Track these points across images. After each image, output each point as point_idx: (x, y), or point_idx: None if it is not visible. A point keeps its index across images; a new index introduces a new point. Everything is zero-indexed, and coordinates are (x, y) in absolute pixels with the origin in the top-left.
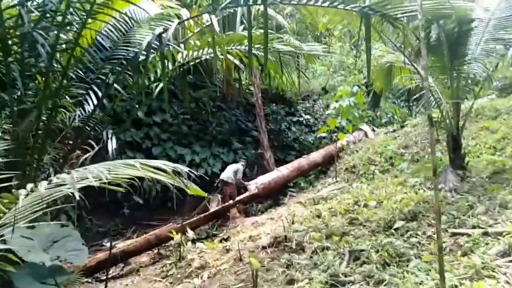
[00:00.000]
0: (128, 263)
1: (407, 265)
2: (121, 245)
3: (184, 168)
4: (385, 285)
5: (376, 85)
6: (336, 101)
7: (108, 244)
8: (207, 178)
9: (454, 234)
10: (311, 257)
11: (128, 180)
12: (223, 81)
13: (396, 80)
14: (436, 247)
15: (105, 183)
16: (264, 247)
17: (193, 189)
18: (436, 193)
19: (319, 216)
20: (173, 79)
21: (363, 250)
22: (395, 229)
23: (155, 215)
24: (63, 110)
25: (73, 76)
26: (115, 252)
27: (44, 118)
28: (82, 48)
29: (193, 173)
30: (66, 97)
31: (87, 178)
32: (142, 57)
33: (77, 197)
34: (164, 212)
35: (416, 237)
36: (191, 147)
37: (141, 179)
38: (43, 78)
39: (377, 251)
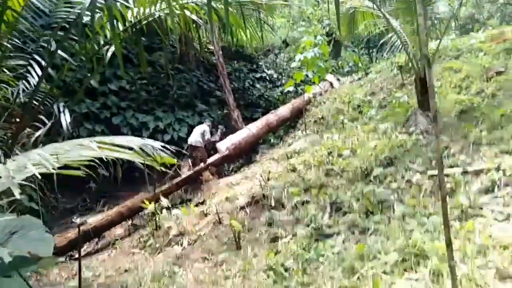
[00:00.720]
0: (103, 237)
1: (390, 212)
2: (92, 219)
3: (155, 144)
4: (371, 233)
5: (339, 33)
6: (301, 53)
7: (78, 220)
8: (169, 146)
9: (433, 176)
10: (291, 212)
11: (88, 162)
12: (179, 41)
13: (360, 27)
14: (415, 190)
15: (61, 167)
16: (242, 207)
17: (163, 159)
18: (441, 179)
19: (294, 170)
20: (125, 42)
21: (343, 201)
22: (373, 177)
23: (123, 187)
24: (4, 85)
25: (9, 46)
26: (87, 228)
27: None
28: (15, 12)
29: (167, 148)
30: (4, 70)
31: (28, 168)
32: (86, 18)
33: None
34: (132, 182)
35: (396, 182)
36: (154, 113)
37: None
38: None
39: (358, 200)
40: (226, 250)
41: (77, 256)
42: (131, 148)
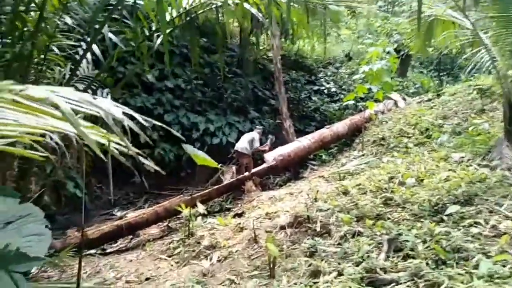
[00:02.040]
0: (137, 235)
1: (470, 265)
2: (129, 215)
3: (123, 119)
4: None
5: (413, 45)
6: (366, 65)
7: (118, 214)
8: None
9: None
10: (339, 243)
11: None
12: (239, 45)
13: (438, 38)
14: (506, 241)
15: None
16: (282, 227)
17: (202, 159)
18: None
19: (346, 194)
20: (178, 32)
21: (406, 240)
22: (446, 215)
23: (167, 185)
24: (52, 65)
25: (59, 23)
26: (122, 223)
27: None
28: None
29: (146, 120)
30: (54, 48)
31: None
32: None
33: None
34: (177, 182)
35: (477, 227)
36: (206, 115)
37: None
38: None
39: (425, 242)
40: (258, 277)
41: (108, 250)
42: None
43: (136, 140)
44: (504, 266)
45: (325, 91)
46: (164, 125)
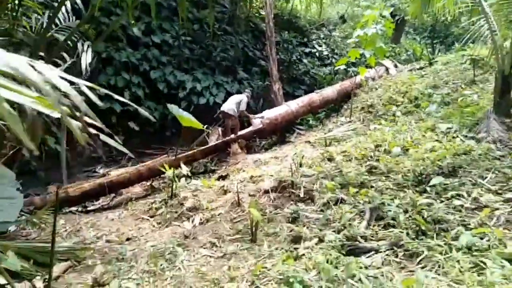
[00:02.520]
0: (119, 194)
1: (450, 237)
2: (112, 173)
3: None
4: (421, 260)
5: (409, 10)
6: (361, 28)
7: (101, 171)
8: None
9: (509, 200)
10: (322, 210)
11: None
12: (230, 0)
13: (436, 3)
14: (486, 214)
15: None
16: (266, 191)
17: (187, 120)
18: None
19: (331, 160)
20: None
21: (388, 210)
22: (430, 187)
23: (152, 144)
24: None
25: None
26: (104, 182)
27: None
28: None
29: (109, 94)
30: None
31: None
32: None
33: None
34: (162, 141)
35: (459, 199)
36: (193, 73)
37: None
38: None
39: (407, 212)
40: (239, 240)
41: (89, 208)
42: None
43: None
44: (482, 238)
45: (317, 54)
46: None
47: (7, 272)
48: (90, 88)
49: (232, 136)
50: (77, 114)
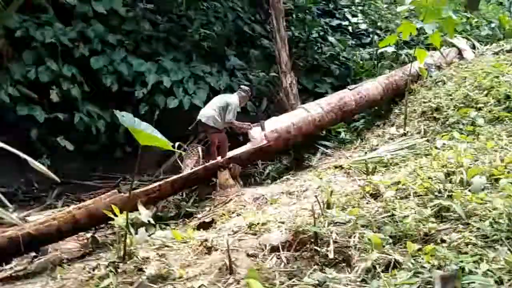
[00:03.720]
0: (43, 252)
1: None
2: (31, 220)
3: None
4: None
5: None
6: None
7: (14, 216)
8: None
9: None
10: (363, 279)
11: None
12: None
13: None
14: None
15: None
16: (275, 249)
17: (147, 137)
18: None
19: (376, 197)
20: None
21: (471, 280)
22: None
23: (94, 171)
24: None
25: None
26: (18, 234)
27: None
28: None
29: None
30: None
31: None
32: None
33: None
34: (109, 166)
35: None
36: (157, 59)
37: None
38: None
39: (501, 283)
40: None
41: None
42: None
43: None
44: None
45: (350, 29)
46: None
47: None
48: None
49: (219, 158)
50: None
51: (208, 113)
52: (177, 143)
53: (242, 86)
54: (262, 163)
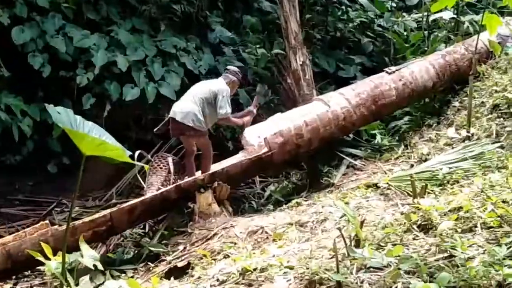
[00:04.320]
0: None
1: None
2: None
3: None
4: None
5: None
6: None
7: None
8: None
9: None
10: None
11: None
12: None
13: None
14: None
15: None
16: None
17: (93, 143)
18: None
19: (426, 229)
20: None
21: None
22: None
23: (17, 191)
24: None
25: None
26: None
27: None
28: None
29: None
30: None
31: None
32: None
33: None
34: (41, 184)
35: None
36: (109, 31)
37: None
38: None
39: None
40: None
41: None
42: None
43: None
44: None
45: None
46: None
47: None
48: None
49: (199, 174)
50: None
51: (185, 107)
52: (137, 152)
53: (229, 67)
54: (261, 181)
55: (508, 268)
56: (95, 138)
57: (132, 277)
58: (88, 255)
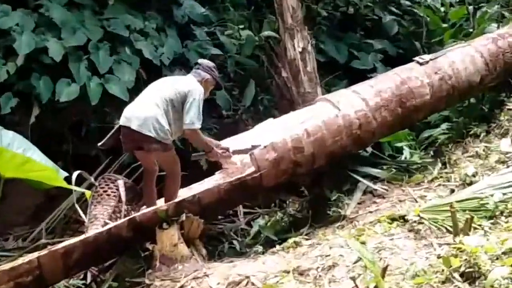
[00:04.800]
0: None
1: None
2: None
3: None
4: None
5: None
6: None
7: None
8: None
9: None
10: None
11: None
12: None
13: None
14: None
15: None
16: None
17: (18, 162)
18: None
19: (473, 280)
20: None
21: None
22: None
23: None
24: None
25: None
26: None
27: None
28: None
29: None
30: None
31: None
32: None
33: None
34: None
35: None
36: (38, 5)
37: None
38: None
39: None
40: None
41: None
42: None
43: None
44: None
45: None
46: None
47: None
48: None
49: (160, 203)
50: None
51: (143, 111)
52: (75, 174)
53: (201, 61)
54: (247, 212)
55: None
56: (17, 154)
57: None
58: None
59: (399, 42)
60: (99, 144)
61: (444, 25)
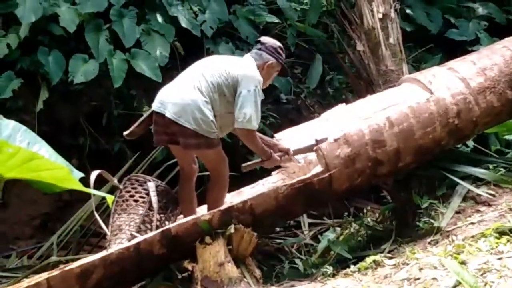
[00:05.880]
0: None
1: None
2: None
3: None
4: None
5: None
6: None
7: None
8: None
9: None
10: None
11: None
12: None
13: None
14: None
15: None
16: None
17: (21, 159)
18: None
19: None
20: None
21: None
22: None
23: None
24: None
25: None
26: None
27: None
28: None
29: None
30: None
31: None
32: None
33: None
34: None
35: None
36: None
37: None
38: None
39: None
40: None
41: None
42: None
43: None
44: None
45: None
46: None
47: None
48: None
49: (203, 211)
50: None
51: (182, 96)
52: (94, 173)
53: (264, 39)
54: (312, 223)
55: None
56: (20, 149)
57: None
58: None
59: (509, 6)
60: (125, 133)
61: None
